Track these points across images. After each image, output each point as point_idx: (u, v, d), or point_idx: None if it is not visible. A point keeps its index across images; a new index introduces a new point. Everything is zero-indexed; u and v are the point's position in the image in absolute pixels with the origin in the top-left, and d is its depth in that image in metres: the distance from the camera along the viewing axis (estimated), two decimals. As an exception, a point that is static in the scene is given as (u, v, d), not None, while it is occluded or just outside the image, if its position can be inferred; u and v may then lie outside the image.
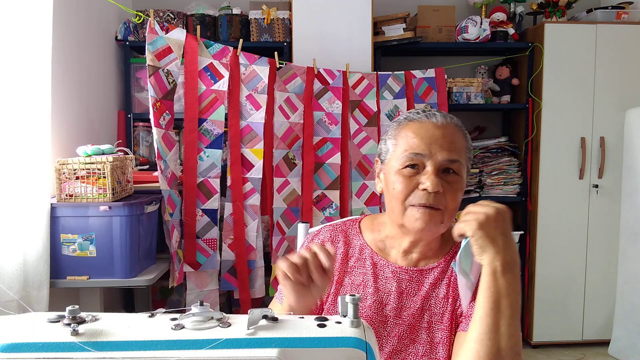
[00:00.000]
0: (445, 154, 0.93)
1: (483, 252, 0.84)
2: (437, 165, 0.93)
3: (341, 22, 2.71)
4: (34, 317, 0.63)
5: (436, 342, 0.97)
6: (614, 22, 2.92)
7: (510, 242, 0.85)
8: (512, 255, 0.84)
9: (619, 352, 2.84)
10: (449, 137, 0.95)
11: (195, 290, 2.37)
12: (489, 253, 0.84)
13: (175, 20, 2.73)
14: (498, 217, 0.84)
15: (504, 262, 0.83)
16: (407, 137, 0.96)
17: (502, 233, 0.84)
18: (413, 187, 0.94)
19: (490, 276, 0.84)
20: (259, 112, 2.43)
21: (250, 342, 0.60)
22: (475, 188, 3.00)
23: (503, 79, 3.08)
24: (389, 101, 2.67)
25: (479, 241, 0.84)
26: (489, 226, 0.83)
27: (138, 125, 2.72)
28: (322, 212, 2.57)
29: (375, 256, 1.04)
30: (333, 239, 1.08)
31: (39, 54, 1.74)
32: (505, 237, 0.84)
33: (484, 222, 0.83)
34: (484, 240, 0.83)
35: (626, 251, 2.87)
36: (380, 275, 1.02)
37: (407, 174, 0.94)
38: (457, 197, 0.95)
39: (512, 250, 0.85)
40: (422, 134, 0.95)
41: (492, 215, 0.84)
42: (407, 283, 1.00)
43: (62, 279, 1.84)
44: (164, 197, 2.17)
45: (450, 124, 0.97)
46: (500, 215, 0.85)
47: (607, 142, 2.94)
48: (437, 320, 0.98)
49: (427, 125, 0.96)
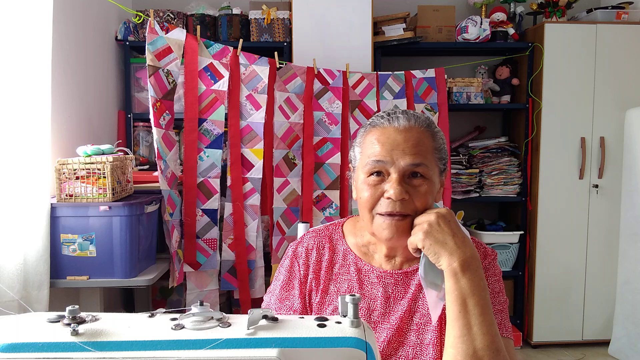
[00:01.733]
0: (408, 159, 0.91)
1: (439, 258, 0.86)
2: (401, 171, 0.92)
3: (341, 22, 2.71)
4: (34, 317, 0.63)
5: (426, 344, 0.96)
6: (614, 22, 2.92)
7: (463, 241, 0.86)
8: (467, 253, 0.85)
9: (619, 352, 2.84)
10: (411, 141, 0.93)
11: (195, 290, 2.37)
12: (444, 257, 0.85)
13: (175, 20, 2.73)
14: (440, 220, 0.87)
15: (461, 261, 0.84)
16: (370, 145, 0.95)
17: (450, 234, 0.86)
18: (379, 196, 0.93)
19: (451, 279, 0.84)
20: (259, 112, 2.43)
21: (250, 342, 0.60)
22: (475, 188, 3.00)
23: (503, 79, 3.08)
24: (389, 101, 2.67)
25: (430, 249, 0.86)
26: (435, 231, 0.86)
27: (138, 125, 2.72)
28: (322, 212, 2.57)
29: (359, 262, 1.02)
30: (318, 245, 1.06)
31: (39, 54, 1.74)
32: (455, 237, 0.86)
33: (428, 230, 0.86)
34: (434, 246, 0.85)
35: (626, 251, 2.87)
36: (366, 281, 1.01)
37: (372, 182, 0.93)
38: (426, 199, 0.93)
39: (467, 247, 0.86)
40: (384, 141, 0.94)
41: (434, 221, 0.87)
42: (393, 287, 0.99)
43: (62, 279, 1.84)
44: (164, 197, 2.17)
45: (414, 126, 0.94)
46: (442, 217, 0.87)
47: (607, 142, 2.94)
48: (425, 321, 0.97)
49: (389, 131, 0.94)
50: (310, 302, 1.03)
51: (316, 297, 1.02)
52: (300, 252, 1.06)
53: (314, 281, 1.03)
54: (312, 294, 1.03)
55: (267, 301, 1.06)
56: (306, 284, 1.04)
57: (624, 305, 2.85)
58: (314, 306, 1.02)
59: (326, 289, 1.02)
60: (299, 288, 1.04)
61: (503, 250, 3.00)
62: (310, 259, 1.05)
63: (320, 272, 1.04)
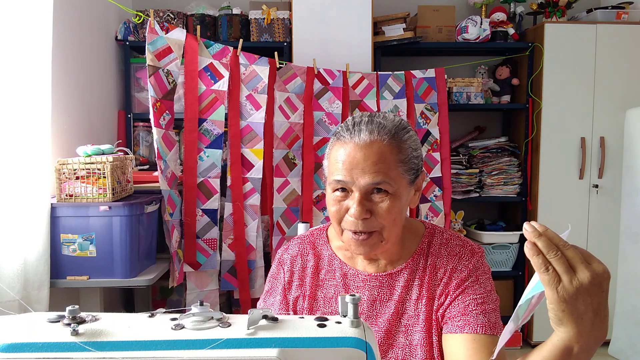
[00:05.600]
0: (368, 178, 0.89)
1: (561, 326, 0.66)
2: (362, 190, 0.90)
3: (341, 22, 2.71)
4: (34, 317, 0.63)
5: (414, 345, 0.96)
6: (614, 22, 2.92)
7: (602, 321, 0.65)
8: (597, 338, 0.66)
9: (619, 352, 2.84)
10: (371, 158, 0.89)
11: (195, 290, 2.37)
12: (569, 331, 0.65)
13: (175, 20, 2.73)
14: (593, 289, 0.63)
15: (585, 345, 0.66)
16: (333, 161, 0.93)
17: (593, 310, 0.64)
18: (344, 211, 0.93)
19: (559, 354, 0.68)
20: (259, 112, 2.43)
21: (250, 342, 0.60)
22: (475, 188, 3.00)
23: (503, 79, 3.08)
24: (389, 101, 2.67)
25: (560, 314, 0.65)
26: (579, 301, 0.63)
27: (138, 125, 2.72)
28: (322, 212, 2.57)
29: (344, 266, 1.03)
30: (302, 252, 1.07)
31: (39, 54, 1.74)
32: (596, 316, 0.64)
33: (575, 295, 0.62)
34: (568, 316, 0.64)
35: (626, 251, 2.86)
36: (352, 286, 1.01)
37: (338, 198, 0.93)
38: (391, 214, 0.91)
39: (601, 331, 0.65)
40: (344, 159, 0.91)
41: (585, 285, 0.62)
42: (378, 290, 0.99)
43: (62, 279, 1.84)
44: (164, 197, 2.17)
45: (376, 140, 0.90)
46: (597, 285, 0.63)
47: (607, 142, 2.94)
48: (413, 322, 0.97)
49: (350, 148, 0.91)
50: (296, 308, 1.04)
51: (304, 303, 1.03)
52: (285, 259, 1.08)
53: (299, 288, 1.04)
54: (299, 299, 1.04)
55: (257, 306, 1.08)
56: (290, 289, 1.05)
57: (624, 306, 2.85)
58: (304, 312, 1.03)
59: (314, 295, 1.03)
60: (281, 294, 1.05)
61: (503, 250, 3.00)
62: (295, 265, 1.06)
63: (306, 279, 1.04)
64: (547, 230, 0.65)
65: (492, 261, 3.02)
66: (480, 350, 0.88)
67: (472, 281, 0.95)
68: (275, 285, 1.07)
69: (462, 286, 0.95)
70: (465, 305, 0.93)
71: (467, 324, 0.91)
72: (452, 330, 0.92)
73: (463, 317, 0.92)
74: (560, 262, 0.63)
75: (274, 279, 1.08)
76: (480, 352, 0.88)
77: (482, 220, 3.22)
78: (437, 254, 0.99)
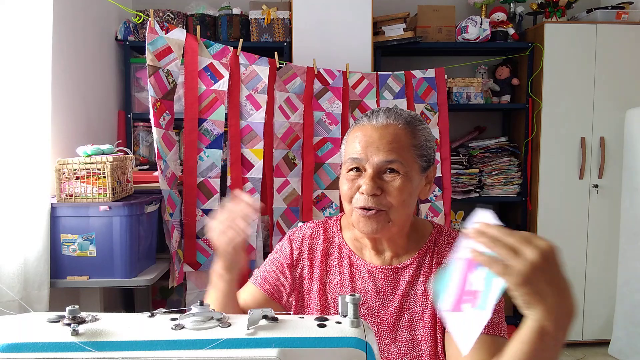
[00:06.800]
0: (382, 156, 0.94)
1: (529, 308, 0.68)
2: (374, 167, 0.94)
3: (341, 22, 2.71)
4: (34, 317, 0.63)
5: (418, 340, 0.97)
6: (614, 22, 2.92)
7: (565, 292, 0.68)
8: (567, 309, 0.68)
9: (619, 352, 2.84)
10: (386, 138, 0.95)
11: (195, 290, 2.37)
12: (538, 311, 0.67)
13: (175, 20, 2.73)
14: (546, 264, 0.66)
15: (557, 320, 0.67)
16: (351, 142, 0.99)
17: (552, 285, 0.67)
18: (355, 190, 0.96)
19: (535, 335, 0.69)
20: (259, 112, 2.43)
21: (250, 342, 0.60)
22: (475, 188, 3.00)
23: (503, 79, 3.08)
24: (389, 101, 2.67)
25: (524, 298, 0.67)
26: (537, 279, 0.65)
27: (138, 125, 2.72)
28: (322, 212, 2.57)
29: (353, 255, 1.05)
30: (313, 234, 1.09)
31: (39, 54, 1.74)
32: (557, 288, 0.67)
33: (530, 275, 0.65)
34: (530, 297, 0.67)
35: (626, 251, 2.86)
36: (357, 275, 1.03)
37: (351, 177, 0.97)
38: (401, 194, 0.94)
39: (568, 301, 0.68)
40: (361, 138, 0.97)
41: (538, 264, 0.65)
42: (383, 282, 1.01)
43: (62, 279, 1.84)
44: (164, 197, 2.17)
45: (392, 123, 0.97)
46: (549, 260, 0.66)
47: (607, 142, 2.94)
48: (417, 317, 0.98)
49: (367, 129, 0.98)
50: (302, 289, 1.05)
51: (311, 285, 1.04)
52: (296, 237, 1.10)
53: (307, 268, 1.06)
54: (306, 280, 1.06)
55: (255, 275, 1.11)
56: (297, 267, 1.07)
57: (624, 305, 2.85)
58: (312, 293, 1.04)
59: (323, 280, 1.05)
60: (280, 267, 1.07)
61: (503, 250, 3.00)
62: (304, 244, 1.08)
63: (315, 261, 1.06)
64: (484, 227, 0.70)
65: (492, 261, 3.02)
66: (482, 349, 0.89)
67: None
68: (276, 257, 1.09)
69: None
70: None
71: None
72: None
73: None
74: (505, 250, 0.67)
75: (279, 252, 1.10)
76: (483, 351, 0.89)
77: (482, 220, 3.21)
78: (443, 252, 1.01)
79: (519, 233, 0.68)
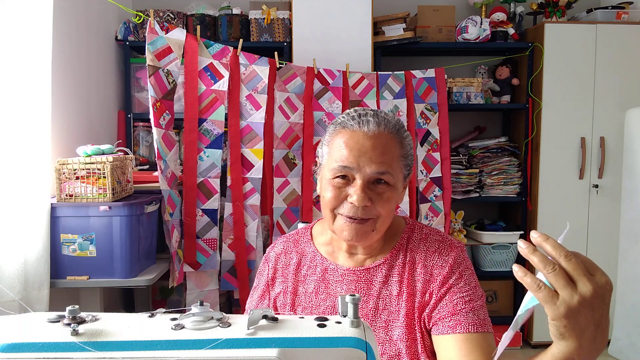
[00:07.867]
0: (374, 167, 0.92)
1: (562, 340, 0.63)
2: (366, 178, 0.92)
3: (341, 22, 2.71)
4: (34, 317, 0.63)
5: (394, 340, 0.96)
6: (614, 22, 2.92)
7: (603, 333, 0.62)
8: (598, 347, 0.63)
9: (619, 352, 2.84)
10: (379, 148, 0.93)
11: (195, 290, 2.37)
12: (570, 345, 0.63)
13: (175, 20, 2.73)
14: (597, 302, 0.59)
15: (585, 356, 0.64)
16: (338, 147, 0.95)
17: (595, 324, 0.61)
18: (342, 198, 0.94)
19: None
20: (259, 112, 2.43)
21: (250, 342, 0.60)
22: (475, 188, 3.00)
23: (503, 79, 3.08)
24: (389, 101, 2.67)
25: (561, 330, 0.62)
26: (580, 316, 0.60)
27: (138, 125, 2.72)
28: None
29: (325, 261, 1.04)
30: (285, 249, 1.09)
31: (39, 54, 1.74)
32: (597, 329, 0.61)
33: (574, 310, 0.59)
34: (568, 331, 0.62)
35: (626, 251, 2.86)
36: (331, 280, 1.02)
37: (337, 184, 0.94)
38: (389, 205, 0.94)
39: (603, 341, 0.63)
40: (352, 145, 0.93)
41: (588, 300, 0.59)
42: (356, 284, 1.00)
43: (62, 279, 1.84)
44: (164, 197, 2.17)
45: (383, 132, 0.94)
46: (599, 298, 0.59)
47: (607, 142, 2.94)
48: (393, 318, 0.97)
49: (358, 136, 0.94)
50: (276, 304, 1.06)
51: (285, 299, 1.04)
52: (270, 256, 1.10)
53: (282, 284, 1.06)
54: (281, 295, 1.06)
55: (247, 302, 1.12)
56: (273, 286, 1.07)
57: (624, 306, 2.85)
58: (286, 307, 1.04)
59: (295, 291, 1.04)
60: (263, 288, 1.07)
61: (503, 250, 3.00)
62: (279, 263, 1.08)
63: (288, 276, 1.06)
64: (547, 240, 0.62)
65: (492, 261, 3.02)
66: (474, 349, 0.88)
67: (456, 278, 0.95)
68: (260, 281, 1.10)
69: (446, 284, 0.95)
70: (453, 304, 0.93)
71: (459, 324, 0.91)
72: (444, 332, 0.92)
73: (453, 317, 0.92)
74: (557, 277, 0.59)
75: (260, 275, 1.11)
76: (475, 351, 0.88)
77: (482, 221, 3.22)
78: (416, 249, 1.00)
79: (582, 257, 0.61)
